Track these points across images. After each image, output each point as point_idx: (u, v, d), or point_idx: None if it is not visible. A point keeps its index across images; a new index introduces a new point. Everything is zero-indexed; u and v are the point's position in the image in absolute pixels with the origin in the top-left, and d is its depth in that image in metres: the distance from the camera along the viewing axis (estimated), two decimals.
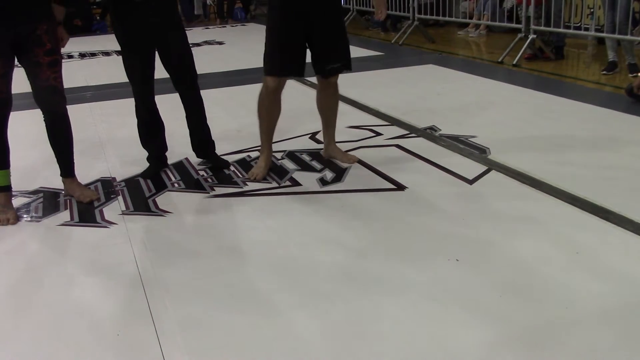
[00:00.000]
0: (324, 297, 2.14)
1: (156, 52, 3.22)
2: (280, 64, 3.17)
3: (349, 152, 3.55)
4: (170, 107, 3.64)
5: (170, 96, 3.63)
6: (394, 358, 1.81)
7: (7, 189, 2.93)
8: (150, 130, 3.41)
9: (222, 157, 3.56)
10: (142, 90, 3.28)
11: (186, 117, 3.45)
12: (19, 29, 2.71)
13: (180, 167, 3.51)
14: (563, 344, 1.83)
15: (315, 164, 3.46)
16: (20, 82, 2.87)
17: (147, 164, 3.45)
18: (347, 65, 3.32)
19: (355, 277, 2.26)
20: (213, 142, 3.53)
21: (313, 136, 3.91)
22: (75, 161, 3.12)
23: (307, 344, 1.89)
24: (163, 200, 3.06)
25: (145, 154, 3.46)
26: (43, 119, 2.96)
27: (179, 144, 3.67)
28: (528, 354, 1.79)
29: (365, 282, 2.22)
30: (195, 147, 3.53)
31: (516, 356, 1.79)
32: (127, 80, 3.29)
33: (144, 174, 3.39)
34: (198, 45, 8.53)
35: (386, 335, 1.91)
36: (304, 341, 1.90)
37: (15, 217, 2.89)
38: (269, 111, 3.28)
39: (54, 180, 3.24)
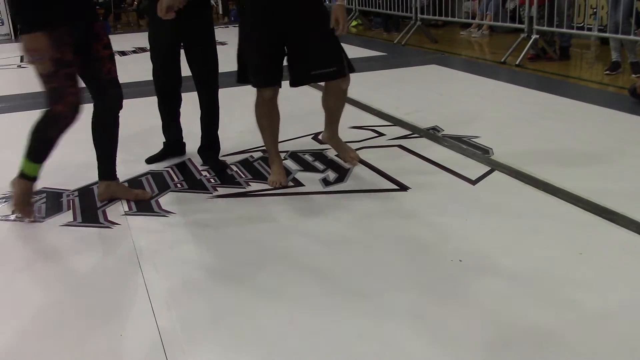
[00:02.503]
0: (327, 297, 2.14)
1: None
2: (267, 73, 3.06)
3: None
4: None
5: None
6: (395, 357, 1.80)
7: (34, 179, 2.88)
8: (168, 110, 3.51)
9: (225, 157, 3.57)
10: (162, 62, 3.37)
11: (201, 117, 3.51)
12: (83, 27, 2.76)
13: (183, 167, 3.52)
14: (566, 344, 1.82)
15: (317, 164, 3.46)
16: (22, 82, 2.87)
17: (150, 165, 3.46)
18: (339, 71, 3.09)
19: (357, 276, 2.26)
20: (219, 148, 3.55)
21: (315, 137, 3.91)
22: (77, 161, 3.11)
23: (310, 344, 1.89)
24: (166, 200, 3.06)
25: (148, 154, 3.47)
26: (93, 116, 2.92)
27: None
28: (530, 355, 1.79)
29: (368, 282, 2.22)
30: (201, 149, 3.55)
31: (518, 356, 1.78)
32: (130, 81, 3.30)
33: (149, 159, 3.47)
34: None
35: (388, 335, 1.91)
36: (307, 342, 1.90)
37: (31, 213, 2.88)
38: (269, 120, 3.20)
39: (57, 180, 3.25)
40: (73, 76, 2.71)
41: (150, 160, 3.54)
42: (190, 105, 3.57)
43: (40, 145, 2.80)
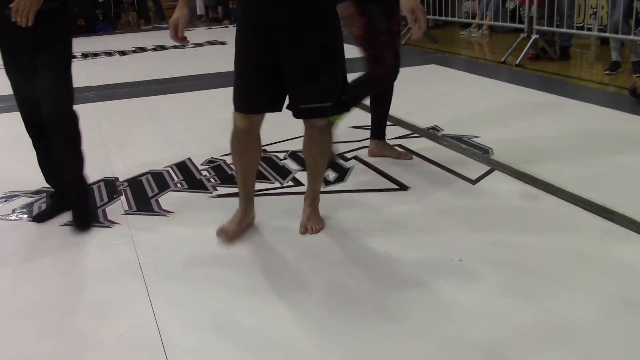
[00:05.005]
0: (328, 297, 2.14)
1: None
2: (242, 96, 2.42)
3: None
4: (172, 107, 3.64)
5: (169, 96, 3.64)
6: (396, 358, 1.80)
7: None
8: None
9: (225, 156, 3.56)
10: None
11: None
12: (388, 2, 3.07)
13: (183, 167, 3.51)
14: (566, 344, 1.82)
15: None
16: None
17: (150, 164, 3.45)
18: (334, 107, 2.42)
19: (358, 277, 2.26)
20: (86, 193, 2.91)
21: None
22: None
23: (309, 344, 1.89)
24: (166, 200, 3.06)
25: (148, 154, 3.45)
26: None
27: (181, 143, 3.68)
28: (530, 355, 1.79)
29: (368, 282, 2.22)
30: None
31: (518, 356, 1.78)
32: (130, 81, 3.29)
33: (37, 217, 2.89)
34: (201, 45, 8.55)
35: (388, 335, 1.91)
36: (309, 342, 1.90)
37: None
38: (240, 157, 2.52)
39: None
40: (388, 43, 3.08)
41: (39, 218, 2.88)
42: (176, 105, 3.56)
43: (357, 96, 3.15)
